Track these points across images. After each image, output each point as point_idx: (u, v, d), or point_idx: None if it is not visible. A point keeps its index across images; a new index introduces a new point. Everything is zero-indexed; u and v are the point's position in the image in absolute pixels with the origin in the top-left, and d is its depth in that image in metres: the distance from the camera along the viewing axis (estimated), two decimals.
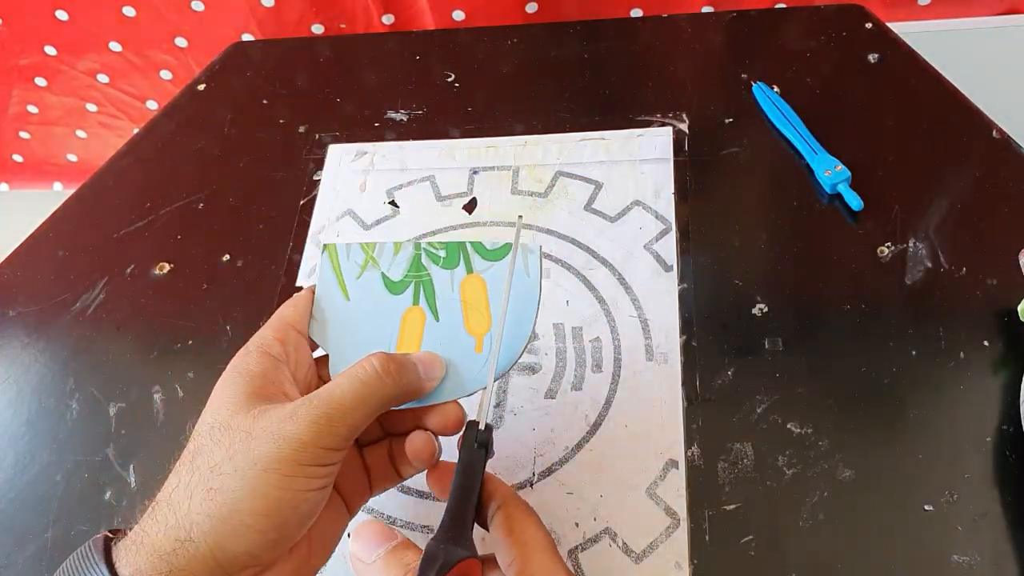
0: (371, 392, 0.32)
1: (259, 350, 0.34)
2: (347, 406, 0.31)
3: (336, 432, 0.30)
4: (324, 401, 0.31)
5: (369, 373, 0.32)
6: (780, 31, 0.65)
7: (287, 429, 0.30)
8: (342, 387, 0.32)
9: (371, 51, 0.71)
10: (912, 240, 0.51)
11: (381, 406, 0.33)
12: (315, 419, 0.30)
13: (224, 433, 0.31)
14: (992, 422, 0.43)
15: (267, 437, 0.30)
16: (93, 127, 0.99)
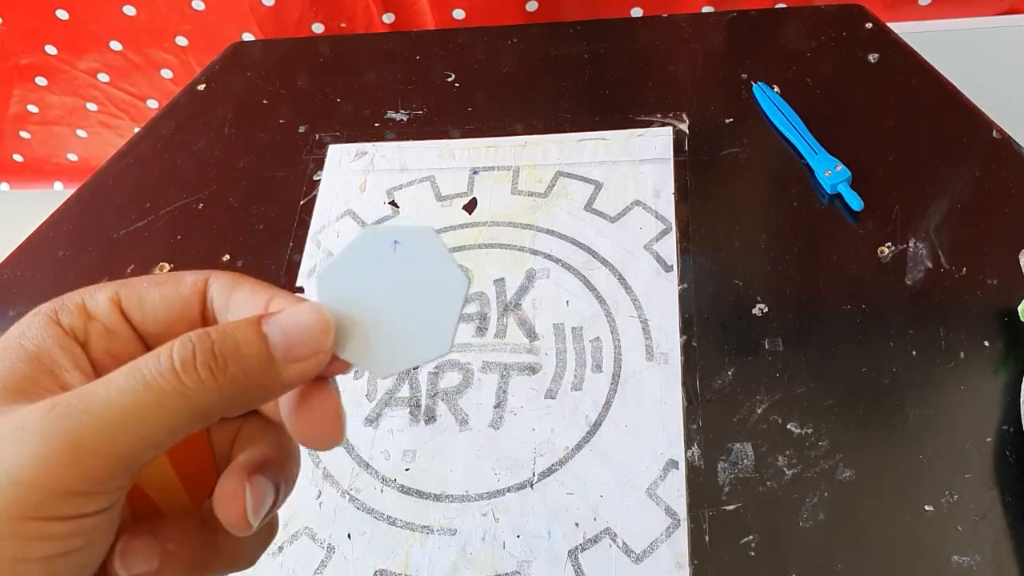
0: (161, 401, 0.18)
1: (45, 315, 0.22)
2: (112, 423, 0.18)
3: (87, 466, 0.18)
4: (73, 409, 0.18)
5: (161, 368, 0.19)
6: (780, 31, 0.65)
7: (7, 454, 0.17)
8: (110, 389, 0.18)
9: (371, 51, 0.71)
10: (912, 240, 0.51)
11: (186, 423, 0.19)
12: (48, 442, 0.17)
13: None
14: (992, 422, 0.43)
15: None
16: (93, 126, 0.99)
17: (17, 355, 0.21)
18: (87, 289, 0.23)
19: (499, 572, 0.42)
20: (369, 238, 0.21)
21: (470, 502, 0.44)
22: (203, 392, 0.19)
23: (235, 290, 0.22)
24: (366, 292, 0.21)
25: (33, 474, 0.17)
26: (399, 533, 0.44)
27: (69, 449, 0.18)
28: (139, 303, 0.22)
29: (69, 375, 0.21)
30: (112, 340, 0.22)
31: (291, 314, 0.20)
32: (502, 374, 0.49)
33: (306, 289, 0.55)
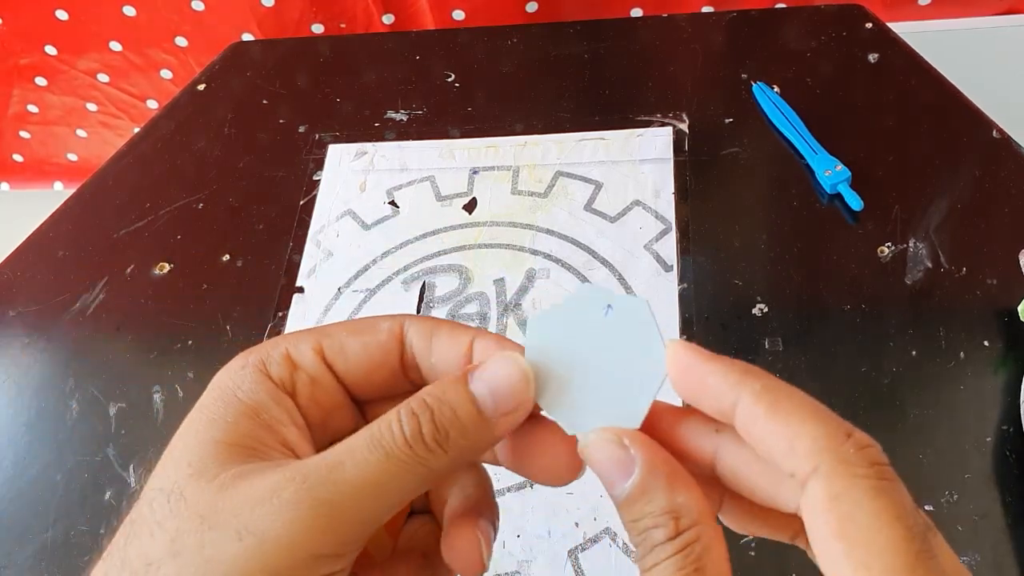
0: (402, 471, 0.20)
1: (255, 368, 0.22)
2: (362, 492, 0.19)
3: (339, 531, 0.19)
4: (325, 479, 0.19)
5: (397, 440, 0.20)
6: (780, 31, 0.65)
7: (262, 520, 0.19)
8: (356, 460, 0.20)
9: (371, 51, 0.71)
10: (912, 240, 0.51)
11: (421, 486, 0.21)
12: (306, 511, 0.19)
13: (174, 507, 0.19)
14: (992, 422, 0.43)
15: (230, 529, 0.19)
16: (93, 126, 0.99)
17: (237, 409, 0.21)
18: (290, 338, 0.23)
19: (499, 572, 0.42)
20: (586, 295, 0.21)
21: None
22: (435, 460, 0.20)
23: (435, 334, 0.22)
24: (571, 347, 0.21)
25: (291, 539, 0.19)
26: None
27: (325, 516, 0.19)
28: (341, 352, 0.22)
29: (286, 430, 0.21)
30: (316, 389, 0.22)
31: (494, 370, 0.21)
32: None
33: (306, 289, 0.55)
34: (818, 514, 0.17)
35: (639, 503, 0.19)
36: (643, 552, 0.19)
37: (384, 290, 0.54)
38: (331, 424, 0.23)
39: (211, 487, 0.20)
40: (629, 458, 0.20)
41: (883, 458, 0.18)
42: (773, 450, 0.18)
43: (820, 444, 0.18)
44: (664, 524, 0.19)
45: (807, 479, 0.18)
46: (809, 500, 0.18)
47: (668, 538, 0.18)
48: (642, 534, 0.19)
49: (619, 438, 0.20)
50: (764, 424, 0.18)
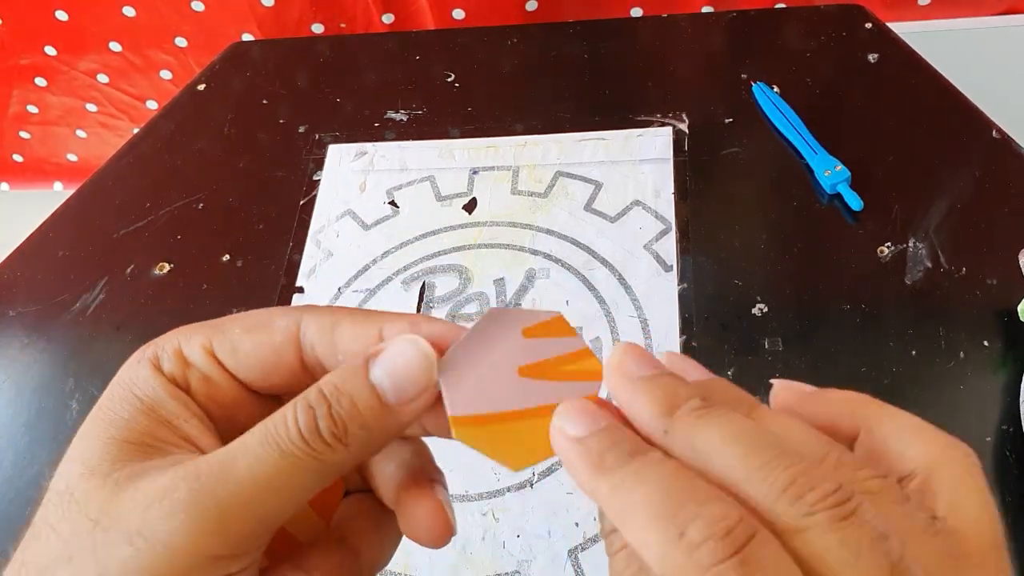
0: (297, 467, 0.19)
1: (149, 363, 0.22)
2: (255, 491, 0.18)
3: (233, 532, 0.18)
4: (217, 479, 0.18)
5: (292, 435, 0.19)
6: (780, 31, 0.65)
7: (153, 523, 0.18)
8: (248, 458, 0.19)
9: (371, 51, 0.71)
10: (912, 240, 0.51)
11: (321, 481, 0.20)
12: (196, 512, 0.18)
13: (67, 509, 0.19)
14: (992, 422, 0.43)
15: (122, 532, 0.18)
16: (93, 127, 0.99)
17: (133, 406, 0.21)
18: (181, 333, 0.22)
19: (499, 572, 0.42)
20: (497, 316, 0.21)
21: (470, 502, 0.44)
22: (333, 454, 0.19)
23: (336, 329, 0.21)
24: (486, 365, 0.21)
25: (184, 541, 0.18)
26: None
27: (216, 518, 0.18)
28: (232, 352, 0.22)
29: (186, 425, 0.21)
30: (212, 387, 0.21)
31: (393, 354, 0.20)
32: None
33: (306, 289, 0.55)
34: None
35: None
36: None
37: (384, 290, 0.54)
38: (238, 417, 0.22)
39: (104, 488, 0.19)
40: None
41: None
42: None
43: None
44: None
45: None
46: None
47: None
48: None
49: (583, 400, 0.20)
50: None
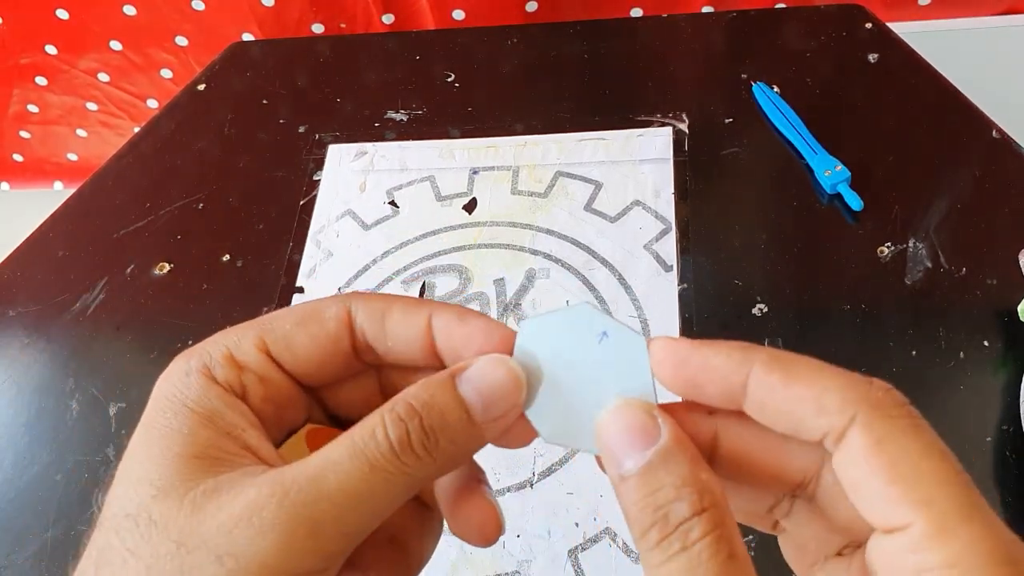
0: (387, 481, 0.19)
1: (198, 371, 0.21)
2: (346, 507, 0.18)
3: (325, 548, 0.18)
4: (306, 495, 0.18)
5: (382, 449, 0.19)
6: (780, 31, 0.65)
7: (243, 542, 0.18)
8: (339, 473, 0.19)
9: (371, 51, 0.71)
10: (912, 240, 0.51)
11: (408, 494, 0.20)
12: (289, 530, 0.18)
13: (145, 532, 0.18)
14: (992, 422, 0.43)
15: (210, 553, 0.18)
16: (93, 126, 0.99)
17: (191, 419, 0.20)
18: (230, 336, 0.21)
19: (499, 572, 0.42)
20: (584, 314, 0.21)
21: None
22: (423, 468, 0.19)
23: (387, 316, 0.21)
24: (559, 359, 0.21)
25: (276, 560, 0.18)
26: None
27: (308, 535, 0.18)
28: (287, 348, 0.21)
29: (247, 435, 0.20)
30: (267, 387, 0.21)
31: (483, 373, 0.20)
32: None
33: (306, 289, 0.55)
34: (863, 461, 0.17)
35: (660, 472, 0.18)
36: (660, 534, 0.17)
37: (384, 290, 0.54)
38: (285, 417, 0.22)
39: (182, 508, 0.18)
40: (655, 425, 0.18)
41: (906, 399, 0.18)
42: (796, 414, 0.18)
43: (850, 395, 0.17)
44: (687, 497, 0.17)
45: (844, 431, 0.17)
46: (848, 451, 0.17)
47: (694, 512, 0.17)
48: (660, 509, 0.17)
49: (648, 406, 0.19)
50: (783, 391, 0.18)
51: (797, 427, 0.18)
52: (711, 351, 0.19)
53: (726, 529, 0.17)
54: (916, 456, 0.17)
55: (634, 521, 0.18)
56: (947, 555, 0.16)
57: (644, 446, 0.18)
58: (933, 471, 0.16)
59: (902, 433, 0.17)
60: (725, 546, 0.17)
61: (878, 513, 0.17)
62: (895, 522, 0.17)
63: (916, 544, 0.16)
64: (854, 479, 0.17)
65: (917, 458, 0.17)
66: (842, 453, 0.17)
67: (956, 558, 0.16)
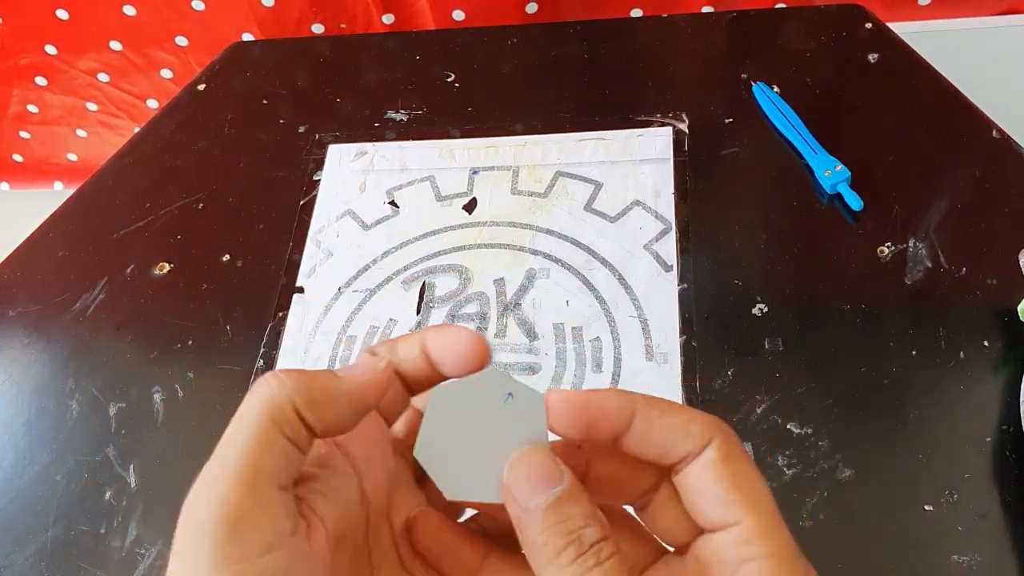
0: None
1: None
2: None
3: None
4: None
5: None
6: (780, 31, 0.65)
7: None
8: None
9: (371, 51, 0.71)
10: (912, 240, 0.51)
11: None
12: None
13: None
14: (992, 422, 0.43)
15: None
16: (93, 126, 0.99)
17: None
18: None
19: None
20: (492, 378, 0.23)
21: None
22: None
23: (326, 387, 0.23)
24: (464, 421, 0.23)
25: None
26: None
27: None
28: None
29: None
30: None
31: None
32: None
33: (306, 289, 0.55)
34: (714, 472, 0.22)
35: (567, 505, 0.21)
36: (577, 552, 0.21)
37: (384, 290, 0.54)
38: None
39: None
40: (556, 469, 0.22)
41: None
42: (667, 440, 0.22)
43: (710, 424, 0.22)
44: (594, 525, 0.21)
45: (702, 450, 0.22)
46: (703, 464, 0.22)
47: (602, 537, 0.21)
48: (572, 534, 0.21)
49: (549, 452, 0.22)
50: (660, 421, 0.22)
51: (664, 450, 0.22)
52: (603, 396, 0.23)
53: (620, 551, 0.21)
54: (749, 473, 0.22)
55: (544, 543, 0.21)
56: (768, 548, 0.21)
57: (550, 485, 0.22)
58: (760, 486, 0.22)
59: (741, 455, 0.22)
60: (625, 565, 0.21)
61: (716, 512, 0.22)
62: (729, 519, 0.21)
63: (743, 538, 0.21)
64: (701, 485, 0.22)
65: (750, 475, 0.22)
66: (696, 466, 0.22)
67: (774, 551, 0.21)
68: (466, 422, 0.23)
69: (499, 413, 0.23)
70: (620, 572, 0.21)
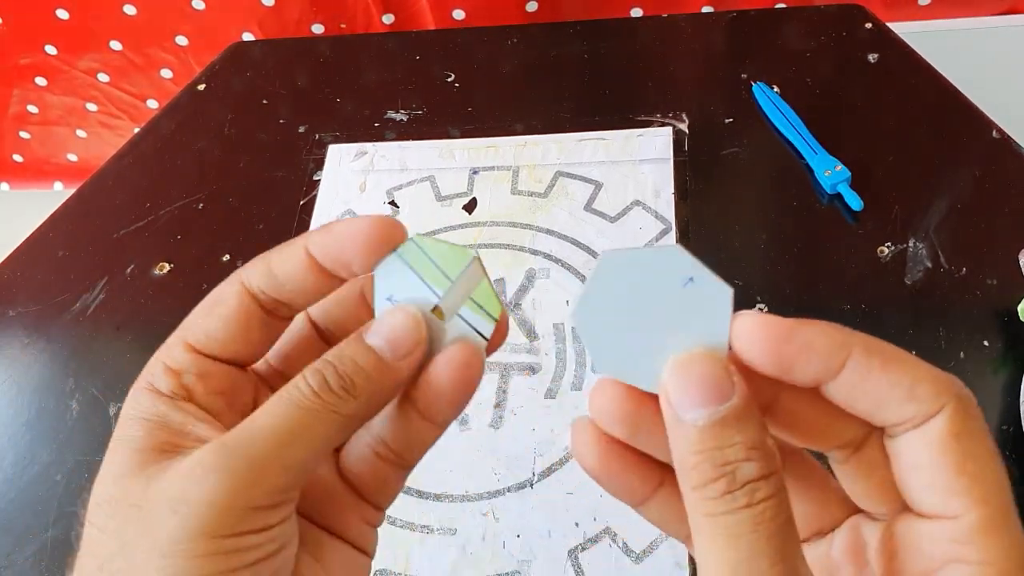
0: (315, 418, 0.21)
1: (144, 389, 0.23)
2: (280, 442, 0.20)
3: (268, 482, 0.20)
4: (241, 439, 0.20)
5: (305, 392, 0.21)
6: (780, 31, 0.65)
7: (190, 489, 0.20)
8: (269, 416, 0.21)
9: (371, 51, 0.71)
10: (912, 240, 0.51)
11: (339, 432, 0.22)
12: (228, 468, 0.20)
13: (108, 510, 0.21)
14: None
15: (164, 506, 0.20)
16: (93, 126, 0.99)
17: (145, 427, 0.22)
18: (162, 351, 0.23)
19: (499, 572, 0.42)
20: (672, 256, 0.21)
21: (470, 502, 0.45)
22: (345, 405, 0.21)
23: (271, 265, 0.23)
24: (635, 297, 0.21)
25: (223, 498, 0.20)
26: (399, 533, 0.44)
27: (247, 469, 0.20)
28: (207, 338, 0.23)
29: (198, 429, 0.22)
30: (209, 381, 0.23)
31: (388, 322, 0.22)
32: (502, 374, 0.49)
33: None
34: (939, 448, 0.18)
35: (730, 430, 0.18)
36: (726, 487, 0.18)
37: None
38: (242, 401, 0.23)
39: (139, 480, 0.20)
40: (729, 382, 0.19)
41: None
42: (884, 398, 0.18)
43: (942, 388, 0.18)
44: (756, 459, 0.18)
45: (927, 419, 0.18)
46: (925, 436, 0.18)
47: (761, 475, 0.18)
48: (727, 465, 0.18)
49: (724, 360, 0.19)
50: (880, 375, 0.18)
51: (879, 409, 0.19)
52: (813, 330, 0.19)
53: (784, 496, 0.18)
54: (984, 457, 0.18)
55: (692, 467, 0.18)
56: (987, 553, 0.17)
57: (716, 401, 0.18)
58: (994, 474, 0.18)
59: (977, 433, 0.18)
60: (785, 510, 0.18)
61: (934, 498, 0.18)
62: (948, 510, 0.18)
63: (961, 535, 0.17)
64: (919, 462, 0.18)
65: (984, 459, 0.18)
66: (917, 436, 0.18)
67: (994, 557, 0.17)
68: (635, 297, 0.20)
69: (675, 297, 0.20)
70: (775, 520, 0.17)
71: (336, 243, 0.22)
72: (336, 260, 0.22)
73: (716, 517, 0.18)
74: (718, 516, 0.18)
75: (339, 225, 0.22)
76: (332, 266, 0.22)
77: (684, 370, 0.19)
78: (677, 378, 0.19)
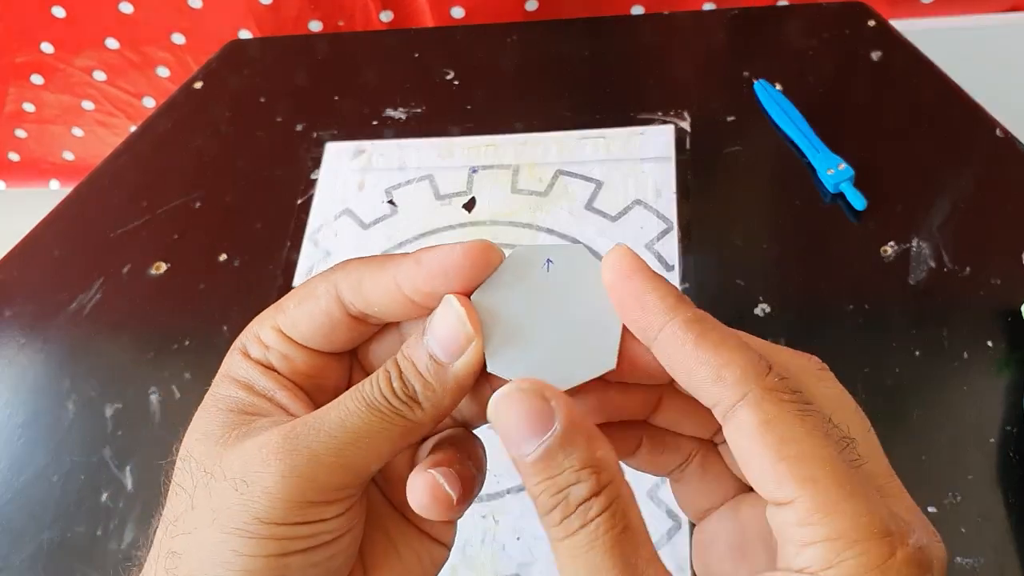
0: (383, 421, 0.21)
1: (239, 352, 0.24)
2: (344, 441, 0.21)
3: (323, 480, 0.20)
4: (308, 431, 0.21)
5: (375, 393, 0.21)
6: (782, 28, 0.64)
7: (254, 471, 0.20)
8: (340, 412, 0.21)
9: (370, 49, 0.70)
10: (915, 239, 0.50)
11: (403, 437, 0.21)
12: (290, 460, 0.20)
13: (187, 468, 0.22)
14: (995, 422, 0.43)
15: (230, 480, 0.21)
16: (90, 125, 0.99)
17: (234, 385, 0.23)
18: (256, 321, 0.24)
19: (499, 574, 0.42)
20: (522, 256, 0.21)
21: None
22: (411, 412, 0.21)
23: (361, 283, 0.23)
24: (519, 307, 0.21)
25: (278, 487, 0.20)
26: None
27: (307, 464, 0.20)
28: (293, 325, 0.23)
29: (279, 395, 0.23)
30: (290, 361, 0.24)
31: (434, 319, 0.22)
32: None
33: None
34: (753, 438, 0.18)
35: (558, 457, 0.18)
36: (562, 514, 0.18)
37: None
38: (326, 383, 0.24)
39: (216, 447, 0.22)
40: (548, 410, 0.19)
41: (800, 388, 0.19)
42: (696, 376, 0.19)
43: (749, 373, 0.18)
44: (586, 479, 0.18)
45: (733, 406, 0.18)
46: (739, 425, 0.18)
47: (592, 493, 0.18)
48: (560, 492, 0.18)
49: (539, 389, 0.19)
50: (692, 351, 0.19)
51: (696, 389, 0.19)
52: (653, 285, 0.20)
53: (621, 502, 0.18)
54: (801, 437, 0.18)
55: (537, 500, 0.19)
56: (830, 529, 0.17)
57: (540, 432, 0.19)
58: (816, 452, 0.18)
59: (790, 416, 0.18)
60: (620, 520, 0.18)
61: (766, 487, 0.18)
62: (781, 497, 0.18)
63: (802, 518, 0.17)
64: (744, 452, 0.18)
65: (802, 439, 0.18)
66: (732, 426, 0.19)
67: (839, 531, 0.17)
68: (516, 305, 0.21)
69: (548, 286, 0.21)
70: (610, 533, 0.18)
71: (428, 279, 0.21)
72: (428, 296, 0.22)
73: (561, 542, 0.18)
74: (563, 541, 0.18)
75: (429, 256, 0.22)
76: (423, 300, 0.22)
77: (505, 407, 0.19)
78: (502, 417, 0.19)
